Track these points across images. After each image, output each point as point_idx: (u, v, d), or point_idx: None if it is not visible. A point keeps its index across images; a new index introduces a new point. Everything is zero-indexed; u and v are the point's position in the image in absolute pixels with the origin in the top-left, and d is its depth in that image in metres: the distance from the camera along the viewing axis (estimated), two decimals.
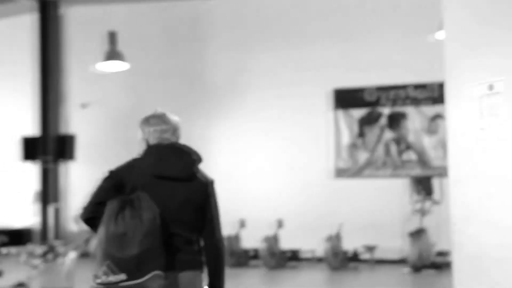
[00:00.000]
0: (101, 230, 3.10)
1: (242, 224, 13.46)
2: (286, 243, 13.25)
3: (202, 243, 3.33)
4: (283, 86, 14.44)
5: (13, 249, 10.49)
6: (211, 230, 3.32)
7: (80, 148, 15.37)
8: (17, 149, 15.73)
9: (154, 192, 3.15)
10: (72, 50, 16.46)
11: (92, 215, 3.20)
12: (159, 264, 3.04)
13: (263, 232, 13.05)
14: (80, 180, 15.05)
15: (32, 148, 15.50)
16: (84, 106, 16.04)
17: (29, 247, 10.59)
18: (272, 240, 12.94)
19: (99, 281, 3.08)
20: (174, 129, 3.52)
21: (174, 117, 3.56)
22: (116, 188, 3.20)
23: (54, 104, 16.20)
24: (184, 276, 3.20)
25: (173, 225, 3.17)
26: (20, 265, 10.35)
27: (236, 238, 13.38)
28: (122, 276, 3.00)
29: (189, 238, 3.26)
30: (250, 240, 13.42)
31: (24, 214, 16.25)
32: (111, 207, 3.11)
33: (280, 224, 13.09)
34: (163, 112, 3.56)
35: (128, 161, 3.34)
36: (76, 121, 16.23)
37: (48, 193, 15.71)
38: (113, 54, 13.49)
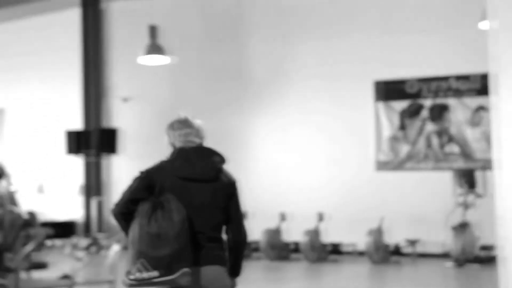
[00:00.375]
0: (135, 229, 3.32)
1: (283, 217, 13.46)
2: (328, 237, 13.22)
3: (225, 237, 3.55)
4: (324, 78, 14.38)
5: (58, 242, 10.67)
6: (235, 227, 3.54)
7: (123, 141, 15.53)
8: (63, 143, 15.97)
9: (180, 192, 3.38)
10: (115, 44, 16.64)
11: (122, 211, 3.44)
12: (187, 262, 3.27)
13: (305, 226, 13.04)
14: (123, 174, 15.21)
15: (76, 142, 15.72)
16: (126, 100, 16.21)
17: (74, 239, 10.76)
18: (313, 234, 12.92)
19: (132, 277, 3.29)
20: (198, 132, 3.72)
21: (197, 121, 3.79)
22: (145, 188, 3.43)
23: (97, 98, 16.41)
24: (208, 272, 3.39)
25: (198, 224, 3.37)
26: (64, 257, 10.53)
27: (277, 232, 13.39)
28: (155, 273, 3.23)
29: (213, 236, 3.47)
30: (292, 234, 13.43)
31: (69, 207, 16.52)
32: (143, 208, 3.33)
33: (321, 217, 13.06)
34: (186, 116, 3.77)
35: (157, 163, 3.56)
36: (118, 115, 16.41)
37: (92, 186, 15.94)
38: (154, 47, 13.58)
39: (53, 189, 16.96)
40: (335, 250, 13.35)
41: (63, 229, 14.56)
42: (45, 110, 17.44)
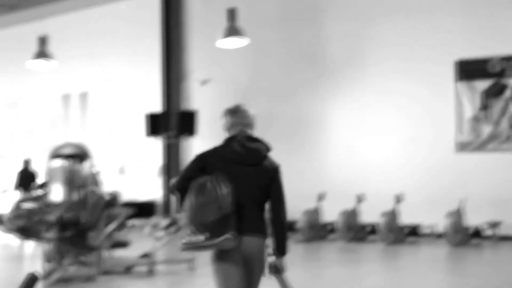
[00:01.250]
0: (188, 201, 3.86)
1: (360, 198, 13.38)
2: (406, 218, 13.07)
3: (268, 215, 4.02)
4: (403, 58, 14.15)
5: (138, 222, 10.94)
6: (276, 206, 3.99)
7: (201, 123, 15.74)
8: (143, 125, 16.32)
9: (229, 173, 3.89)
10: (194, 27, 16.84)
11: (179, 187, 4.00)
12: (231, 229, 3.75)
13: (382, 207, 12.93)
14: None
15: (155, 124, 16.03)
16: (204, 82, 16.40)
17: (154, 219, 11.02)
18: (391, 215, 12.80)
19: (184, 241, 3.81)
20: (249, 122, 4.11)
21: (251, 111, 4.15)
22: (199, 168, 3.98)
23: (176, 81, 16.67)
24: (248, 240, 3.88)
25: (242, 200, 3.88)
26: (144, 237, 10.81)
27: (353, 213, 13.33)
28: (202, 237, 3.76)
29: (254, 211, 3.94)
30: (368, 215, 13.34)
31: (149, 188, 16.90)
32: (196, 183, 3.87)
33: (399, 198, 12.91)
34: (241, 106, 4.15)
35: (211, 148, 4.06)
36: (197, 97, 16.63)
37: (171, 167, 16.24)
38: (232, 30, 13.62)
39: (133, 170, 17.39)
40: (413, 232, 13.18)
41: (144, 210, 14.94)
42: (126, 93, 17.87)
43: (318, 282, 8.87)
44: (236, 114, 4.10)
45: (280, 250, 3.96)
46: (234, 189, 3.83)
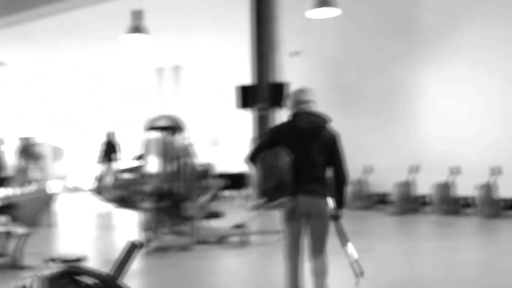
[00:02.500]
0: (255, 171, 4.68)
1: (454, 171, 13.09)
2: (503, 192, 12.71)
3: (330, 176, 4.82)
4: (500, 24, 13.64)
5: (231, 193, 11.12)
6: (337, 169, 4.79)
7: None
8: (234, 97, 16.48)
9: (294, 144, 4.71)
10: None
11: (252, 158, 4.77)
12: (286, 194, 4.58)
13: (477, 180, 12.62)
14: None
15: (247, 96, 16.14)
16: (296, 54, 16.35)
17: (245, 191, 11.17)
18: (487, 188, 12.48)
19: (251, 204, 4.95)
20: (311, 100, 4.89)
21: (312, 92, 4.95)
22: (271, 141, 4.78)
23: (267, 52, 16.69)
24: (308, 200, 4.72)
25: (306, 166, 4.70)
26: (236, 208, 10.97)
27: (447, 186, 13.07)
28: (262, 201, 4.58)
29: (317, 175, 4.76)
30: (465, 188, 13.05)
31: (241, 160, 17.10)
32: (262, 155, 4.66)
33: (496, 171, 12.56)
34: (304, 88, 4.98)
35: (280, 123, 4.90)
36: (289, 69, 16.62)
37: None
38: (324, 0, 13.50)
39: (225, 142, 17.62)
40: (510, 206, 12.81)
41: (236, 181, 15.12)
42: (218, 65, 18.05)
43: (411, 255, 8.78)
44: (297, 94, 4.91)
45: (339, 203, 4.79)
46: (298, 158, 4.66)
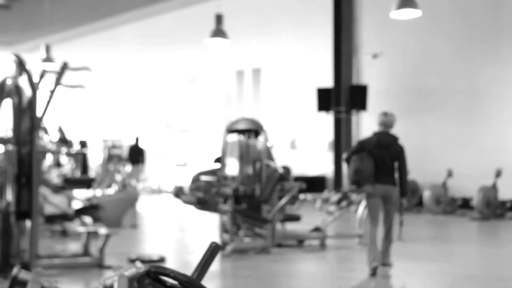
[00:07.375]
0: (349, 167, 7.26)
1: (499, 173, 12.82)
2: None
3: (397, 174, 7.25)
4: None
5: (309, 196, 11.11)
6: (400, 169, 7.18)
7: (371, 98, 15.61)
8: (314, 100, 16.48)
9: (375, 151, 7.12)
10: (365, 0, 16.66)
11: (348, 160, 7.27)
12: (369, 182, 7.06)
13: None
14: (371, 130, 15.31)
15: (326, 99, 16.12)
16: (375, 56, 16.22)
17: (325, 194, 11.14)
18: None
19: (345, 189, 6.53)
20: (390, 122, 7.27)
21: (393, 115, 7.32)
22: (359, 149, 7.21)
23: (348, 55, 16.61)
24: (383, 187, 7.14)
25: (381, 166, 7.13)
26: (316, 211, 10.96)
27: (491, 189, 12.83)
28: (353, 187, 7.26)
29: (389, 172, 7.16)
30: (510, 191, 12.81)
31: (320, 163, 17.07)
32: (354, 157, 7.14)
33: None
34: (388, 112, 7.31)
35: (367, 137, 7.45)
36: (368, 71, 16.49)
37: (341, 142, 16.27)
38: (405, 1, 13.32)
39: (304, 145, 17.62)
40: None
41: (314, 184, 15.12)
42: (298, 68, 18.08)
43: (493, 262, 8.56)
44: (385, 116, 7.26)
45: (402, 193, 7.16)
46: (377, 161, 7.10)
